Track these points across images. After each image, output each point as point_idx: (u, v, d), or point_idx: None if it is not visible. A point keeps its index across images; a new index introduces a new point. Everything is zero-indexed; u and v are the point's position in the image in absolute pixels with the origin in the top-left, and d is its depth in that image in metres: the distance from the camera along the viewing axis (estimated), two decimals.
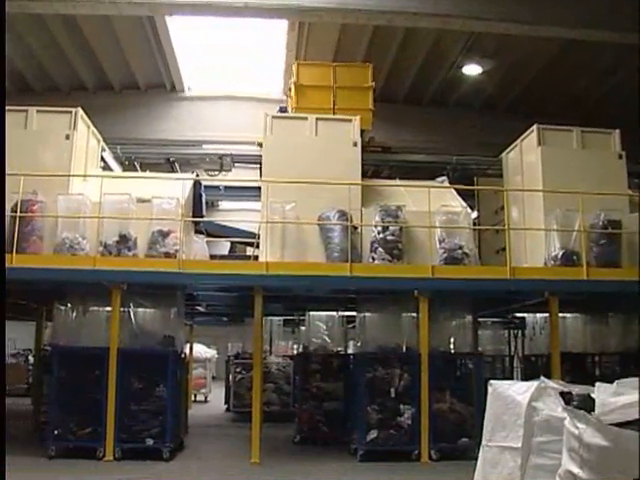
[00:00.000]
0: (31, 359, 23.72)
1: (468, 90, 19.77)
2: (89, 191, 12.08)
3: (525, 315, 17.20)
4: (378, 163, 17.07)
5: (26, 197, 11.57)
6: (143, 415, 11.29)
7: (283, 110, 15.38)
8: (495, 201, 14.86)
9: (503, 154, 14.69)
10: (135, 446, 11.10)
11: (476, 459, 7.28)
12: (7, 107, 13.09)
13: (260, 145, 16.64)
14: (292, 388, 18.12)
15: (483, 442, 7.09)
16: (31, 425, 14.30)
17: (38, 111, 13.04)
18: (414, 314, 12.06)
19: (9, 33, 16.41)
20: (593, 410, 5.62)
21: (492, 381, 7.23)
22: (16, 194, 11.38)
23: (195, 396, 22.73)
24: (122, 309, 11.54)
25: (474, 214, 14.66)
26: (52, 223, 11.79)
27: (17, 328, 26.85)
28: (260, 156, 14.34)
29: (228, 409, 19.78)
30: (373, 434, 11.50)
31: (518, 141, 13.99)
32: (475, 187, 15.71)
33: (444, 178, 16.19)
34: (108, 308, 11.62)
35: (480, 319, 16.22)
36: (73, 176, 12.61)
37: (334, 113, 14.26)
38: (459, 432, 11.55)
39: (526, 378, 12.63)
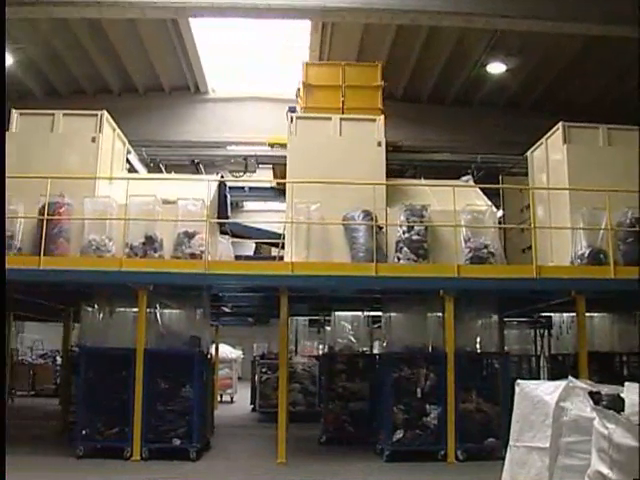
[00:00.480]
0: (59, 360, 23.96)
1: (492, 88, 19.69)
2: (115, 193, 12.15)
3: (552, 314, 17.07)
4: (402, 163, 17.06)
5: (53, 199, 11.69)
6: (170, 415, 11.34)
7: (292, 110, 15.45)
8: (520, 200, 14.76)
9: (528, 152, 14.58)
10: (162, 446, 11.15)
11: (503, 459, 7.25)
12: (34, 110, 13.41)
13: (271, 146, 16.78)
14: (318, 388, 18.15)
15: (510, 442, 7.06)
16: (59, 425, 14.42)
17: (64, 114, 13.15)
18: (440, 314, 12.00)
19: (35, 37, 16.72)
20: (622, 410, 5.56)
21: (519, 381, 7.20)
22: (43, 196, 11.54)
23: (221, 396, 22.80)
24: (148, 310, 11.59)
25: (499, 213, 14.57)
26: (79, 225, 11.88)
27: (45, 329, 27.34)
28: (281, 157, 14.40)
29: (254, 409, 19.85)
30: (399, 434, 11.47)
31: (543, 139, 13.87)
32: (500, 186, 15.62)
33: (469, 177, 16.14)
34: (134, 309, 11.68)
35: (506, 319, 16.11)
36: (99, 178, 12.72)
37: (343, 113, 14.21)
38: (485, 432, 11.47)
39: (553, 378, 12.56)
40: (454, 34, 16.85)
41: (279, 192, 18.18)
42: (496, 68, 18.52)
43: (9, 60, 17.77)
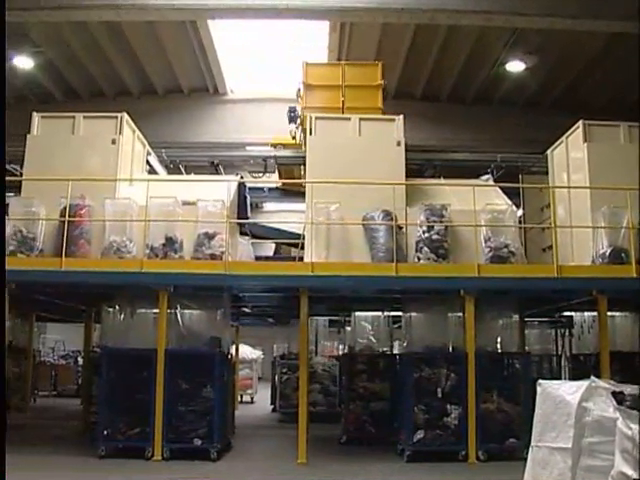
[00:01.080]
0: (80, 360, 24.11)
1: (512, 87, 19.63)
2: (135, 194, 12.21)
3: (573, 314, 16.95)
4: (422, 162, 17.02)
5: (74, 201, 11.76)
6: (190, 416, 11.35)
7: (293, 110, 15.45)
8: (540, 198, 14.68)
9: (548, 151, 14.50)
10: (183, 446, 11.17)
11: (524, 460, 7.22)
12: (55, 113, 13.50)
13: (274, 146, 16.80)
14: (338, 388, 18.12)
15: (532, 442, 7.02)
16: (81, 425, 14.48)
17: (85, 117, 13.24)
18: (460, 314, 11.94)
19: (55, 40, 16.84)
20: None
21: (541, 381, 7.16)
22: (64, 198, 11.61)
23: (241, 397, 22.86)
24: (169, 311, 11.60)
25: (519, 212, 14.50)
26: (99, 227, 11.95)
27: (66, 330, 27.56)
28: (300, 157, 14.41)
29: (274, 410, 19.88)
30: (420, 434, 11.42)
31: (563, 137, 13.78)
32: (520, 185, 15.53)
33: (488, 176, 16.07)
34: (155, 310, 11.72)
35: (527, 318, 16.01)
36: (120, 180, 12.80)
37: (343, 112, 14.21)
38: (507, 432, 11.41)
39: (574, 378, 12.45)
40: (473, 33, 16.81)
41: (285, 192, 18.27)
42: (515, 66, 18.47)
43: (29, 64, 17.95)
